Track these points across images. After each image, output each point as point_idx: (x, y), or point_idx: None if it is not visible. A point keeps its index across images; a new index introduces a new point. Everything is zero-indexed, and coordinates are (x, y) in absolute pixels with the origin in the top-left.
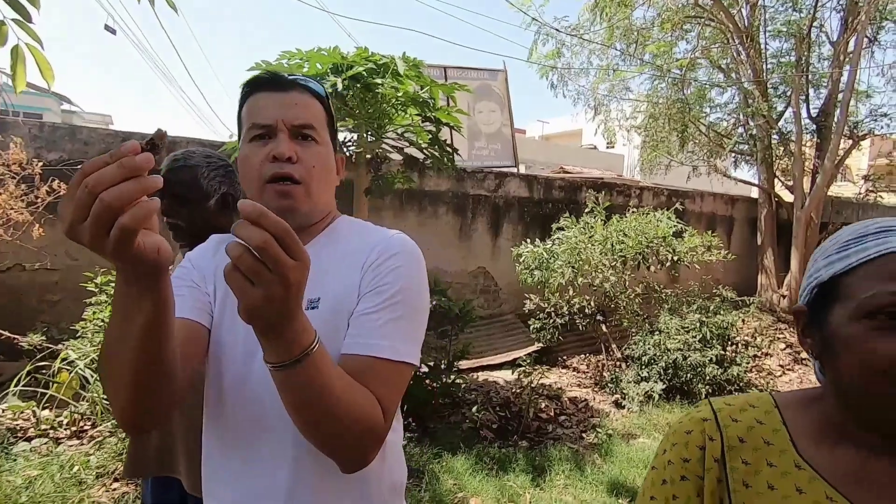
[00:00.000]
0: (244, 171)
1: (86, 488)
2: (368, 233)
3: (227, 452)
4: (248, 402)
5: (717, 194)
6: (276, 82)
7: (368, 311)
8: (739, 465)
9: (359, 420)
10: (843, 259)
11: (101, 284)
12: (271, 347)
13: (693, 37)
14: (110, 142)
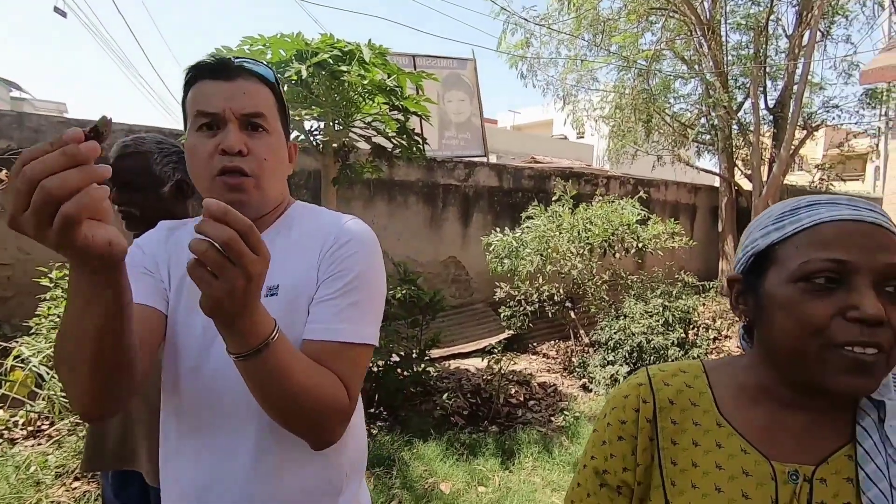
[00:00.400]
0: (192, 162)
1: (44, 488)
2: (323, 219)
3: (185, 436)
4: (205, 387)
5: (680, 183)
6: (223, 68)
7: (328, 298)
8: (668, 424)
9: (322, 401)
10: (779, 230)
11: (55, 279)
12: (233, 339)
13: (658, 28)
14: (62, 129)
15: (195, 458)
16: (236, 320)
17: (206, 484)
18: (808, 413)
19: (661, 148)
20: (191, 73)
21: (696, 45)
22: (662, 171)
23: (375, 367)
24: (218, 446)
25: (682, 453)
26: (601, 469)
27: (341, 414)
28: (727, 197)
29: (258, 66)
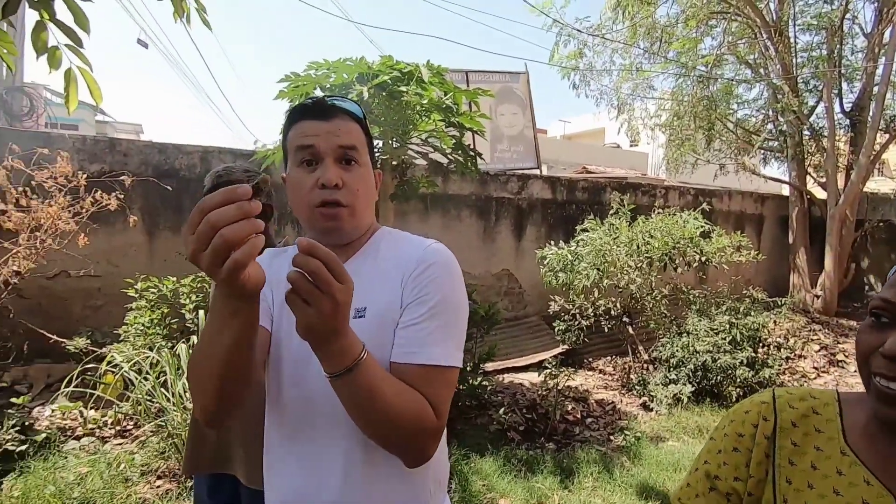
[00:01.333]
0: (294, 194)
1: (132, 485)
2: (406, 243)
3: (285, 445)
4: (304, 400)
5: (745, 192)
6: (320, 109)
7: (414, 322)
8: (788, 444)
9: (411, 419)
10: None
11: (140, 290)
12: (326, 359)
13: (719, 32)
14: (147, 153)
15: (293, 467)
16: (327, 342)
17: (301, 491)
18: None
19: (723, 156)
20: (293, 114)
21: (762, 49)
22: (725, 180)
23: None
24: (312, 456)
25: (799, 474)
26: (713, 474)
27: (431, 433)
28: (798, 207)
29: (348, 103)
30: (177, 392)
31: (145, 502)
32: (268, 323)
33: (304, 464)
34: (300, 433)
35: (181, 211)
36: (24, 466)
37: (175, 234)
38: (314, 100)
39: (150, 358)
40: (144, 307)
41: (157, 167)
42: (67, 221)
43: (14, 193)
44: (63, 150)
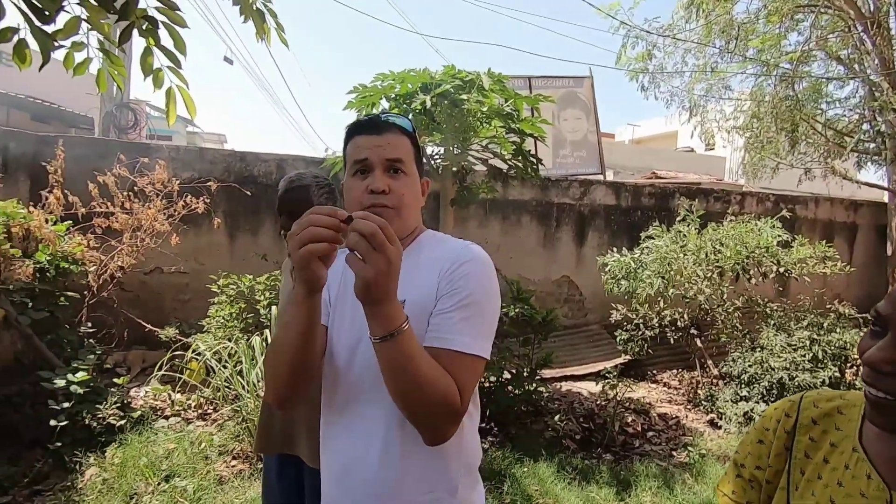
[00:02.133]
0: (348, 199)
1: (210, 463)
2: (446, 244)
3: (335, 424)
4: (351, 384)
5: (835, 199)
6: (373, 125)
7: (444, 311)
8: (805, 439)
9: (440, 394)
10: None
11: (222, 286)
12: (375, 321)
13: (806, 27)
14: (230, 160)
15: (341, 444)
16: (379, 303)
17: (346, 464)
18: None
19: (809, 160)
20: (350, 130)
21: (856, 43)
22: (811, 186)
23: (487, 383)
24: (357, 435)
25: (812, 466)
26: (739, 462)
27: (454, 412)
28: None
29: (400, 119)
30: (251, 380)
31: (221, 479)
32: (326, 319)
33: (350, 440)
34: (348, 412)
35: (258, 214)
36: (122, 439)
37: (254, 236)
38: (369, 117)
39: (228, 348)
40: (225, 302)
41: (239, 174)
42: (163, 223)
43: (120, 197)
44: (161, 158)
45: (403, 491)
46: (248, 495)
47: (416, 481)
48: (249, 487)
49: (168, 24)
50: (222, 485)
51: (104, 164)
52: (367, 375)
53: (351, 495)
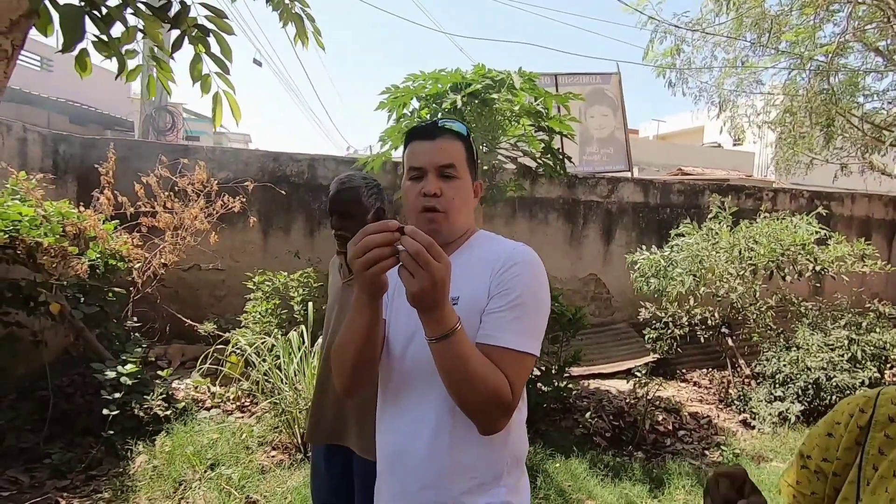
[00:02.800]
0: (406, 202)
1: (252, 453)
2: (498, 245)
3: (390, 412)
4: (405, 374)
5: (872, 195)
6: (428, 132)
7: (496, 310)
8: (880, 436)
9: (491, 389)
10: None
11: (257, 283)
12: (429, 325)
13: (842, 18)
14: (263, 161)
15: (394, 429)
16: (430, 310)
17: (399, 449)
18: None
19: (845, 155)
20: (408, 136)
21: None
22: (847, 182)
23: None
24: (409, 421)
25: (887, 463)
26: (806, 454)
27: (505, 405)
28: None
29: (455, 124)
30: (289, 374)
31: (263, 468)
32: (385, 313)
33: (403, 425)
34: (401, 399)
35: (290, 212)
36: (168, 429)
37: (286, 234)
38: (426, 123)
39: (267, 343)
40: (261, 298)
41: (272, 174)
42: (203, 221)
43: (163, 197)
44: (199, 159)
45: (450, 478)
46: (289, 484)
47: (463, 470)
48: (290, 477)
49: (216, 31)
50: (264, 474)
51: (146, 165)
52: (419, 367)
53: (401, 480)
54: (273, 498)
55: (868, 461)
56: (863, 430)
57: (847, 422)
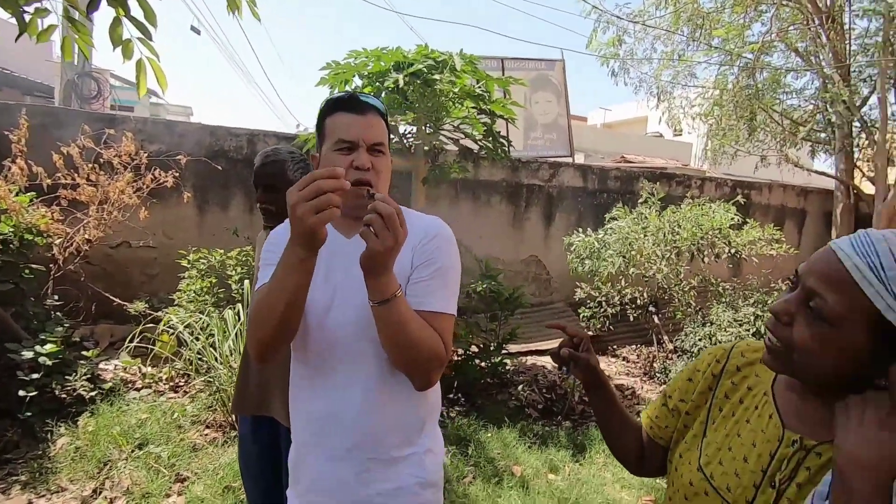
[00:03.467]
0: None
1: (184, 431)
2: (416, 218)
3: (311, 378)
4: (327, 340)
5: (787, 185)
6: (356, 105)
7: (423, 279)
8: (728, 383)
9: (429, 347)
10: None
11: (192, 261)
12: (375, 289)
13: (768, 18)
14: (200, 134)
15: (319, 395)
16: (379, 274)
17: (326, 413)
18: (828, 404)
19: (766, 147)
20: (331, 105)
21: (813, 35)
22: (767, 173)
23: (455, 356)
24: (336, 385)
25: (729, 405)
26: (668, 394)
27: (441, 360)
28: (844, 202)
29: (376, 101)
30: (224, 352)
31: (195, 446)
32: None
33: (328, 392)
34: (324, 367)
35: (229, 188)
36: (93, 409)
37: (224, 211)
38: (349, 95)
39: (201, 321)
40: (196, 276)
41: (209, 148)
42: (131, 196)
43: (86, 169)
44: (127, 130)
45: (380, 436)
46: (222, 460)
47: (392, 426)
48: (224, 453)
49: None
50: (196, 451)
51: (67, 134)
52: (342, 333)
53: (328, 445)
54: (204, 474)
55: (715, 405)
56: (715, 378)
57: (705, 370)
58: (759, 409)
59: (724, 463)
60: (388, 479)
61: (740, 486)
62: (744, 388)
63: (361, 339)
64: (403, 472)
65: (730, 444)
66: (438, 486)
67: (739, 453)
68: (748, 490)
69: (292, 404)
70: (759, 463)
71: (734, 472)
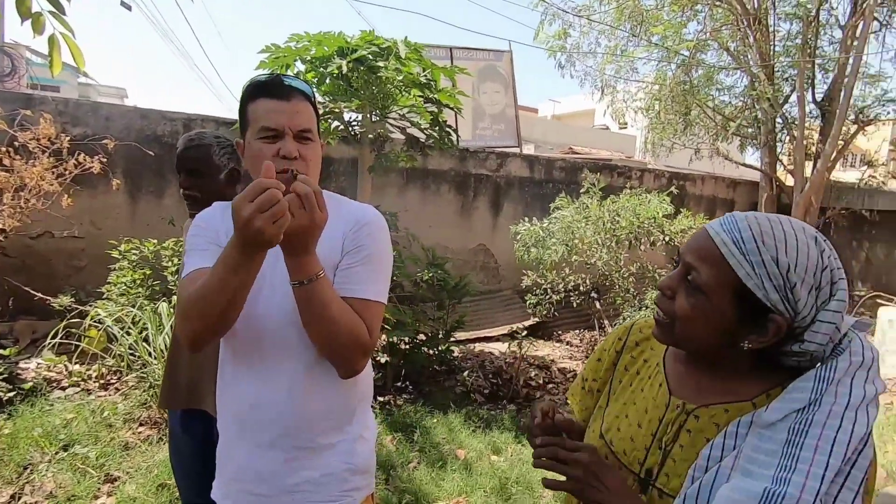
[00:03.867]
0: (255, 163)
1: (115, 430)
2: (347, 205)
3: (239, 368)
4: (254, 329)
5: (718, 177)
6: (280, 90)
7: (351, 266)
8: (627, 357)
9: (351, 332)
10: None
11: (123, 252)
12: (295, 269)
13: (703, 18)
14: (130, 118)
15: (245, 385)
16: (298, 254)
17: (253, 403)
18: (710, 371)
19: (699, 141)
20: (253, 90)
21: (742, 36)
22: (702, 165)
23: (403, 345)
24: (262, 375)
25: (628, 377)
26: (584, 377)
27: (365, 347)
28: (767, 193)
29: (302, 84)
30: (158, 346)
31: (127, 445)
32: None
33: (255, 382)
34: (251, 356)
35: (164, 175)
36: (12, 411)
37: (158, 199)
38: (272, 79)
39: (132, 315)
40: (127, 268)
41: (141, 132)
42: (51, 182)
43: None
44: (46, 111)
45: (308, 424)
46: (157, 458)
47: (320, 414)
48: (159, 451)
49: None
50: (129, 450)
51: None
52: (269, 321)
53: (255, 434)
54: (137, 473)
55: (616, 377)
56: (618, 353)
57: (609, 348)
58: (651, 379)
59: (622, 429)
60: (317, 466)
61: (634, 449)
62: (641, 360)
63: (289, 327)
64: (332, 459)
65: (627, 412)
66: (369, 472)
67: (634, 420)
68: (640, 452)
69: (219, 394)
70: (650, 427)
71: (630, 437)
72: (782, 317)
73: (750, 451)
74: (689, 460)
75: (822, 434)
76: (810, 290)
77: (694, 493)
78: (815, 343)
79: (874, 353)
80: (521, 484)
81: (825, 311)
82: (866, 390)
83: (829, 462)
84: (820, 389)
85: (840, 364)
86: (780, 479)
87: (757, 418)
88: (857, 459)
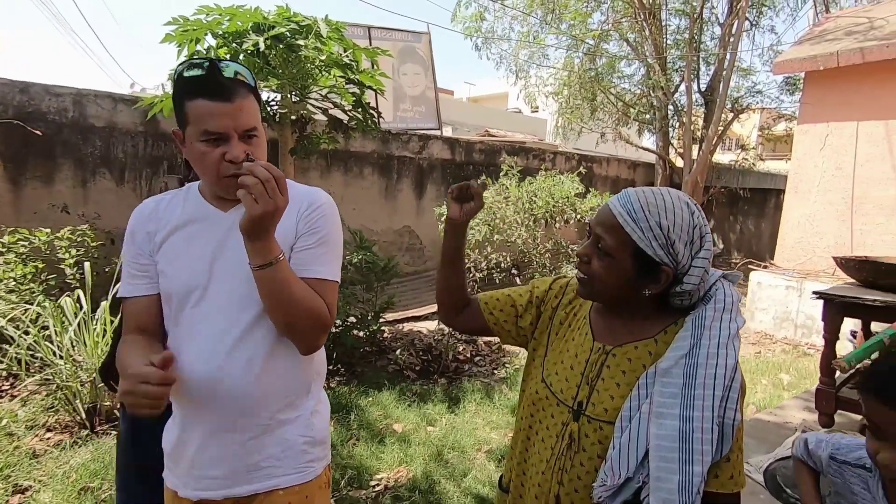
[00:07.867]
0: (201, 166)
1: (18, 439)
2: (296, 189)
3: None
4: (203, 315)
5: (621, 159)
6: (221, 90)
7: (308, 247)
8: (563, 313)
9: (312, 309)
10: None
11: (8, 243)
12: (256, 253)
13: (606, 9)
14: (6, 92)
15: (201, 363)
16: (260, 238)
17: (210, 385)
18: (622, 318)
19: (604, 125)
20: (189, 86)
21: (640, 28)
22: (607, 148)
23: (334, 328)
24: (219, 356)
25: (562, 328)
26: (515, 303)
27: (325, 324)
28: (662, 173)
29: (243, 70)
30: (64, 344)
31: (35, 452)
32: (154, 288)
33: (212, 362)
34: (205, 337)
35: (53, 158)
36: None
37: (47, 185)
38: (210, 75)
39: (29, 312)
40: (15, 261)
41: (21, 108)
42: None
43: None
44: None
45: (266, 402)
46: (73, 462)
47: (277, 392)
48: (74, 455)
49: None
50: (37, 458)
51: None
52: (219, 306)
53: (214, 415)
54: (51, 481)
55: (554, 327)
56: (554, 310)
57: (551, 301)
58: (580, 329)
59: (559, 373)
60: (276, 443)
61: (568, 387)
62: (572, 315)
63: (243, 310)
64: (291, 433)
65: (561, 358)
66: (326, 443)
67: (567, 364)
68: (573, 389)
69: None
70: (579, 368)
71: (564, 378)
72: (668, 267)
73: (658, 396)
74: (609, 390)
75: (706, 373)
76: (686, 244)
77: (626, 441)
78: (691, 283)
79: (734, 297)
80: (455, 450)
81: (697, 258)
82: (731, 328)
83: (714, 393)
84: (696, 335)
85: (707, 312)
86: (686, 418)
87: (658, 369)
88: (732, 384)
